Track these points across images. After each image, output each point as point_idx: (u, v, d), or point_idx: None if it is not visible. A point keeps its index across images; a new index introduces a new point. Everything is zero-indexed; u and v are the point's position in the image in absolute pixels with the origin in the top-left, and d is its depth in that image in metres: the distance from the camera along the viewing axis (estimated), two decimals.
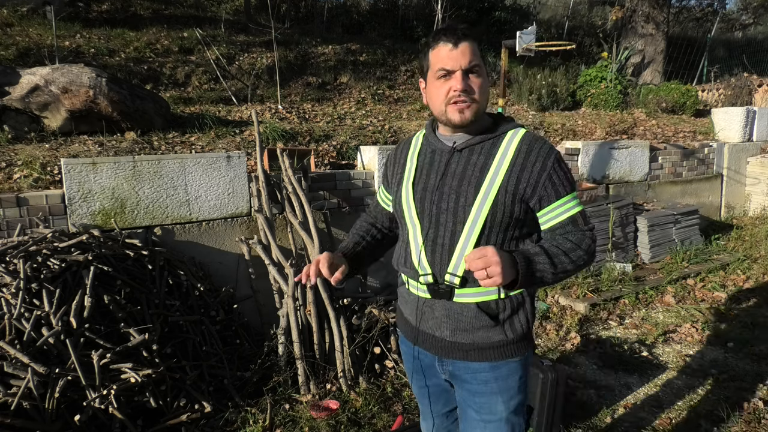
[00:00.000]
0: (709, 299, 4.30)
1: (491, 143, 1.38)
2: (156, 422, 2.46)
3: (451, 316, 1.40)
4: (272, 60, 6.46)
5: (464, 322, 1.39)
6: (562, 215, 1.35)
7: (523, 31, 4.30)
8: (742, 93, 8.38)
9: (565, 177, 1.36)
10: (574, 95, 7.55)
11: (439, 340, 1.44)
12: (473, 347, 1.40)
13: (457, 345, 1.41)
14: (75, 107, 3.76)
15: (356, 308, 3.19)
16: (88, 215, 2.99)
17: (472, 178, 1.36)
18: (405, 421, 2.64)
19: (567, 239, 1.34)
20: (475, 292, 1.37)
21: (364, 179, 3.92)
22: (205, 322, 2.91)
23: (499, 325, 1.38)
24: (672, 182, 5.99)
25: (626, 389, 3.00)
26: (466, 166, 1.38)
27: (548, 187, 1.33)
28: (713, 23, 13.18)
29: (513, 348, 1.40)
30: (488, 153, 1.37)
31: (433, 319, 1.44)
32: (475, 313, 1.37)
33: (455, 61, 1.31)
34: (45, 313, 2.36)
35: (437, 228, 1.39)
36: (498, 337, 1.38)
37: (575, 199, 1.37)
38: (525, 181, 1.33)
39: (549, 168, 1.33)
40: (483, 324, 1.38)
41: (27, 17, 6.55)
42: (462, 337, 1.40)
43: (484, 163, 1.36)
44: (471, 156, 1.38)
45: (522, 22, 9.77)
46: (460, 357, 1.42)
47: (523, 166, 1.33)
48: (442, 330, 1.43)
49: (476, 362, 1.41)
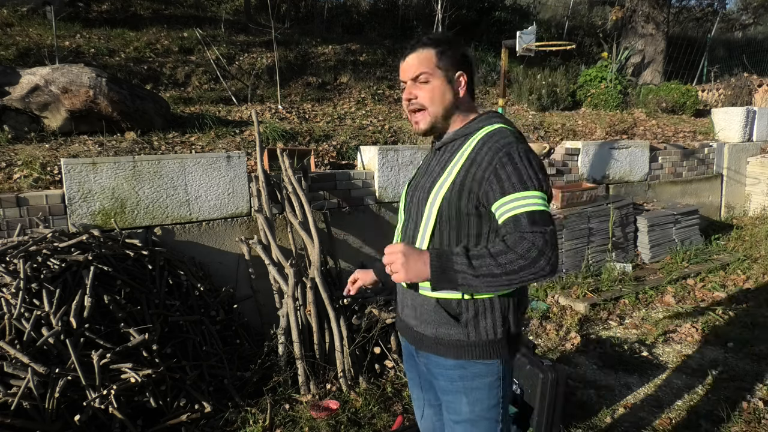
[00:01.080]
0: (709, 299, 4.30)
1: (461, 141, 1.41)
2: (156, 422, 2.46)
3: (416, 307, 1.44)
4: (272, 60, 6.46)
5: (426, 315, 1.41)
6: (505, 214, 1.25)
7: (523, 31, 4.30)
8: (742, 93, 8.38)
9: (515, 173, 1.25)
10: (574, 95, 7.56)
11: (411, 330, 1.49)
12: (436, 341, 1.40)
13: (422, 336, 1.44)
14: (75, 107, 3.76)
15: (356, 308, 3.19)
16: (88, 215, 2.99)
17: (433, 174, 1.42)
18: (405, 421, 2.64)
19: (501, 241, 1.23)
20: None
21: (364, 179, 3.92)
22: (205, 322, 2.91)
23: (461, 325, 1.36)
24: (672, 182, 5.99)
25: (626, 389, 3.00)
26: (437, 163, 1.44)
27: (493, 182, 1.27)
28: (713, 23, 13.18)
29: (477, 350, 1.36)
30: (455, 151, 1.40)
31: (407, 308, 1.50)
32: (434, 307, 1.38)
33: (404, 72, 1.41)
34: (45, 313, 2.36)
35: (408, 221, 1.47)
36: (458, 336, 1.36)
37: (529, 199, 1.23)
38: (472, 176, 1.31)
39: (495, 162, 1.27)
40: (444, 320, 1.37)
41: (27, 17, 6.55)
42: (425, 328, 1.42)
43: (447, 161, 1.40)
44: (444, 154, 1.44)
45: (522, 22, 9.77)
46: (427, 349, 1.44)
47: (473, 160, 1.32)
48: (411, 319, 1.48)
49: (442, 357, 1.41)
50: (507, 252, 1.18)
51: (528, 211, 1.22)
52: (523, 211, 1.22)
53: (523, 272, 1.17)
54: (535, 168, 1.27)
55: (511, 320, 1.38)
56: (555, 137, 5.89)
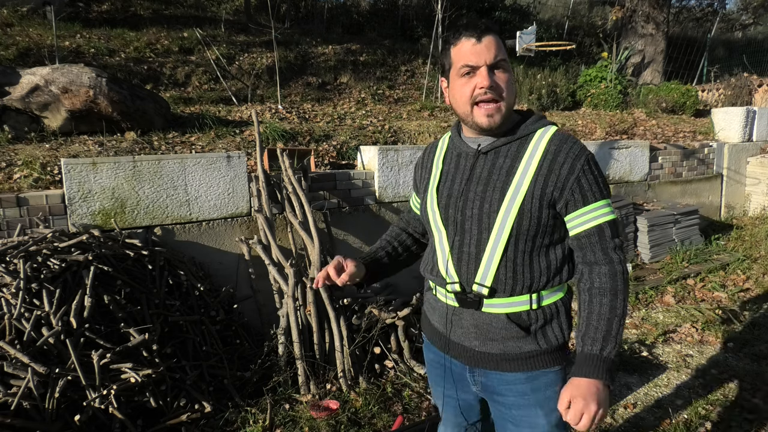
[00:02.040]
0: (709, 299, 4.30)
1: (518, 144, 1.30)
2: (156, 422, 2.46)
3: (479, 326, 1.34)
4: (272, 60, 6.46)
5: (493, 333, 1.32)
6: (588, 223, 1.26)
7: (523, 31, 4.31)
8: (742, 93, 8.38)
9: (595, 181, 1.26)
10: (574, 95, 7.56)
11: (468, 350, 1.38)
12: (504, 357, 1.33)
13: (486, 355, 1.35)
14: (75, 107, 3.76)
15: (356, 308, 3.19)
16: (88, 215, 2.99)
17: (498, 183, 1.28)
18: (405, 421, 2.64)
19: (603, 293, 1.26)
20: (505, 302, 1.31)
21: (364, 179, 3.92)
22: (205, 322, 2.91)
23: (530, 336, 1.31)
24: (672, 182, 5.99)
25: (626, 389, 3.00)
26: (491, 170, 1.31)
27: (576, 191, 1.25)
28: (713, 23, 13.18)
29: (548, 358, 1.33)
30: (515, 155, 1.29)
31: (462, 329, 1.38)
32: (505, 323, 1.31)
33: (479, 56, 1.23)
34: (45, 313, 2.36)
35: (462, 235, 1.33)
36: (530, 347, 1.31)
37: (607, 207, 1.27)
38: (552, 185, 1.25)
39: (578, 170, 1.24)
40: (513, 334, 1.31)
41: (27, 17, 6.55)
42: (491, 347, 1.34)
43: (510, 167, 1.29)
44: (497, 159, 1.31)
45: (522, 22, 9.77)
46: (491, 367, 1.36)
47: (550, 168, 1.25)
48: (470, 340, 1.37)
49: (509, 372, 1.34)
50: (615, 298, 1.25)
51: (609, 220, 1.27)
52: (606, 220, 1.26)
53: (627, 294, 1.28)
54: (603, 175, 1.30)
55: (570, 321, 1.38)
56: None
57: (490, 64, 1.24)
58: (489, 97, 1.24)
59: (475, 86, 1.25)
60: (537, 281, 1.30)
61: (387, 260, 1.58)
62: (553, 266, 1.32)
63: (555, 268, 1.32)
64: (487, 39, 1.23)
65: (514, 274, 1.29)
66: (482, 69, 1.23)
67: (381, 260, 1.56)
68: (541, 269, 1.30)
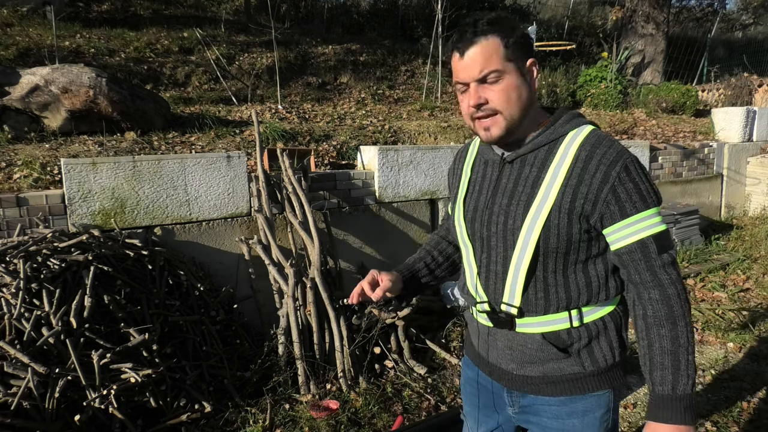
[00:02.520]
0: (709, 299, 4.30)
1: (546, 150, 1.17)
2: (156, 422, 2.46)
3: (514, 348, 1.24)
4: (272, 60, 6.46)
5: (530, 355, 1.21)
6: (628, 238, 1.11)
7: None
8: (742, 93, 8.38)
9: (636, 190, 1.10)
10: (574, 95, 7.56)
11: (506, 373, 1.28)
12: (544, 381, 1.22)
13: (525, 378, 1.24)
14: (75, 107, 3.76)
15: (356, 308, 3.19)
16: (88, 215, 2.99)
17: (522, 195, 1.17)
18: (405, 421, 2.64)
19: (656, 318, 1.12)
20: (540, 321, 1.19)
21: (364, 179, 3.92)
22: (205, 322, 2.91)
23: (573, 356, 1.19)
24: (672, 182, 5.99)
25: (626, 389, 3.00)
26: (517, 180, 1.19)
27: (611, 203, 1.10)
28: (713, 23, 13.18)
29: (594, 381, 1.20)
30: (542, 164, 1.16)
31: (497, 350, 1.28)
32: (541, 344, 1.19)
33: (465, 73, 1.13)
34: (45, 313, 2.36)
35: (489, 252, 1.23)
36: (572, 369, 1.19)
37: (651, 218, 1.11)
38: (583, 197, 1.11)
39: (613, 179, 1.09)
40: (552, 356, 1.19)
41: (27, 17, 6.55)
42: (530, 370, 1.23)
43: (536, 177, 1.16)
44: (523, 168, 1.19)
45: (522, 22, 9.77)
46: (531, 391, 1.25)
47: (580, 177, 1.11)
48: (507, 362, 1.26)
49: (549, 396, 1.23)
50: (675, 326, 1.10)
51: (654, 234, 1.11)
52: (650, 234, 1.11)
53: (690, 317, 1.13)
54: (650, 179, 1.14)
55: (625, 337, 1.24)
56: None
57: (478, 78, 1.12)
58: (481, 114, 1.15)
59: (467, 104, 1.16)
60: (575, 301, 1.17)
61: (426, 271, 1.47)
62: (595, 283, 1.18)
63: (597, 285, 1.18)
64: (473, 51, 1.11)
65: (546, 294, 1.18)
66: (471, 86, 1.14)
67: (419, 271, 1.46)
68: (579, 288, 1.18)
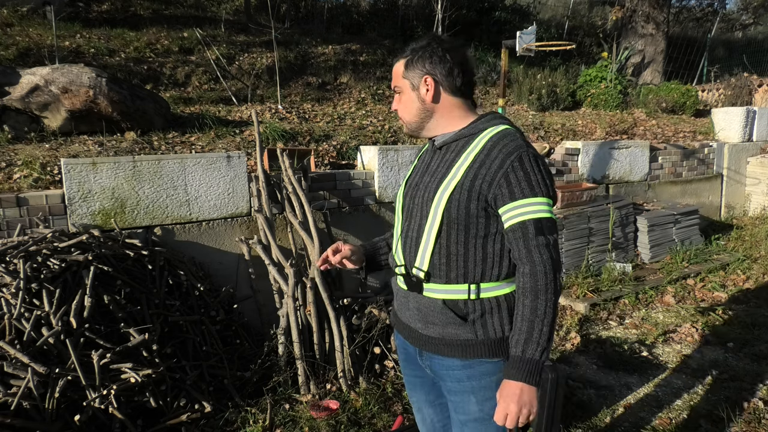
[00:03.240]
0: (709, 299, 4.30)
1: (465, 141, 1.40)
2: (156, 422, 2.46)
3: (421, 309, 1.42)
4: (272, 60, 6.46)
5: (432, 316, 1.40)
6: (513, 219, 1.29)
7: (523, 31, 4.30)
8: (742, 93, 8.38)
9: (525, 178, 1.28)
10: (574, 95, 7.55)
11: (414, 332, 1.47)
12: (442, 342, 1.40)
13: (428, 338, 1.43)
14: (75, 107, 3.76)
15: (356, 308, 3.19)
16: (88, 215, 2.99)
17: (438, 174, 1.39)
18: (405, 421, 2.64)
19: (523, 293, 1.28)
20: (442, 288, 1.37)
21: (364, 179, 3.92)
22: (205, 322, 2.91)
23: (468, 324, 1.36)
24: (672, 182, 5.99)
25: (626, 389, 3.00)
26: (440, 163, 1.42)
27: (503, 186, 1.28)
28: (713, 23, 13.18)
29: (484, 348, 1.36)
30: (459, 151, 1.39)
31: (409, 311, 1.47)
32: (441, 308, 1.38)
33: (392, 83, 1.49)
34: (45, 313, 2.36)
35: (410, 221, 1.44)
36: (466, 336, 1.37)
37: (535, 205, 1.27)
38: (481, 178, 1.31)
39: (507, 166, 1.28)
40: (450, 321, 1.37)
41: (27, 17, 6.55)
42: (431, 330, 1.41)
43: (452, 160, 1.38)
44: (446, 154, 1.42)
45: (522, 22, 9.77)
46: (432, 350, 1.43)
47: (482, 162, 1.32)
48: (415, 322, 1.45)
49: (448, 357, 1.41)
50: (536, 299, 1.26)
51: (535, 218, 1.27)
52: (531, 217, 1.27)
53: (553, 293, 1.28)
54: (543, 174, 1.30)
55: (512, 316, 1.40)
56: (555, 137, 5.89)
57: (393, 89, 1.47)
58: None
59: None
60: (472, 272, 1.35)
61: (386, 249, 1.68)
62: (490, 259, 1.35)
63: (492, 261, 1.35)
64: (394, 67, 1.45)
65: (448, 261, 1.36)
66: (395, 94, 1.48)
67: (381, 249, 1.68)
68: (476, 260, 1.35)
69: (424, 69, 1.39)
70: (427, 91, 1.40)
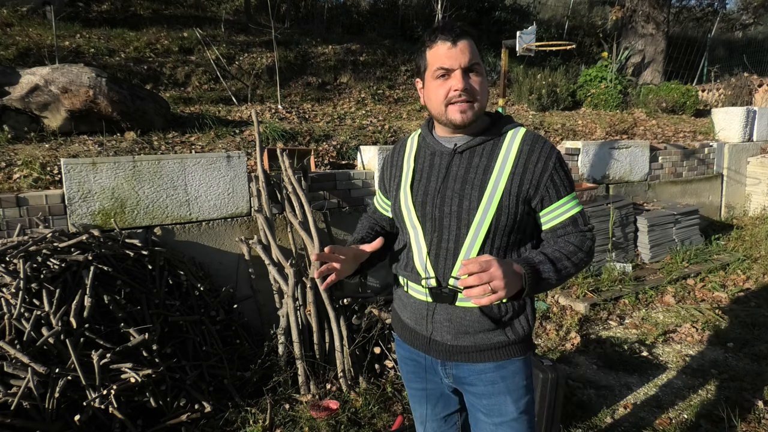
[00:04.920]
0: (709, 299, 4.30)
1: (492, 144, 1.36)
2: (156, 422, 2.46)
3: (453, 320, 1.38)
4: (272, 60, 6.46)
5: (466, 326, 1.37)
6: (563, 215, 1.35)
7: (523, 31, 4.30)
8: (743, 93, 8.38)
9: (566, 177, 1.36)
10: (574, 95, 7.55)
11: (440, 344, 1.42)
12: (475, 349, 1.39)
13: (458, 348, 1.40)
14: (75, 107, 3.76)
15: (356, 308, 3.19)
16: (88, 215, 2.99)
17: (476, 180, 1.33)
18: (405, 421, 2.64)
19: (568, 242, 1.34)
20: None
21: (364, 179, 3.92)
22: (205, 322, 2.91)
23: (500, 327, 1.37)
24: (672, 182, 5.99)
25: (626, 389, 3.00)
26: (468, 168, 1.35)
27: (550, 187, 1.33)
28: (713, 23, 13.18)
29: (515, 348, 1.39)
30: (490, 154, 1.35)
31: (434, 323, 1.41)
32: (478, 317, 1.36)
33: (454, 59, 1.27)
34: (45, 313, 2.36)
35: (441, 232, 1.36)
36: (499, 338, 1.37)
37: (575, 199, 1.38)
38: (528, 182, 1.32)
39: (551, 168, 1.33)
40: (485, 327, 1.37)
41: (27, 17, 6.55)
42: (463, 340, 1.39)
43: (486, 165, 1.34)
44: (473, 158, 1.36)
45: (522, 22, 9.77)
46: (462, 359, 1.41)
47: (525, 167, 1.32)
48: (443, 334, 1.40)
49: (480, 363, 1.39)
50: (577, 251, 1.33)
51: (579, 210, 1.38)
52: (577, 211, 1.37)
53: (585, 266, 1.36)
54: (569, 171, 1.41)
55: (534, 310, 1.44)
56: (555, 137, 5.89)
57: (465, 67, 1.28)
58: (463, 99, 1.29)
59: (449, 88, 1.29)
60: None
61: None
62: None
63: None
64: (462, 43, 1.27)
65: None
66: (457, 72, 1.28)
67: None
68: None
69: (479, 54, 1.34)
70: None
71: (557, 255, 1.30)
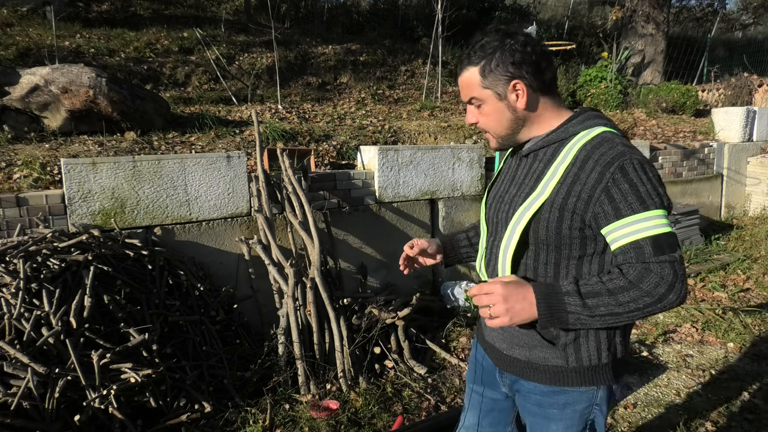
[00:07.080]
0: (709, 299, 4.30)
1: (554, 148, 1.22)
2: (156, 422, 2.46)
3: (505, 329, 1.32)
4: (272, 60, 6.46)
5: (518, 338, 1.29)
6: (622, 239, 1.10)
7: None
8: (742, 93, 8.38)
9: (633, 191, 1.09)
10: (574, 95, 7.55)
11: (498, 352, 1.38)
12: (528, 365, 1.29)
13: (512, 360, 1.33)
14: (75, 107, 3.76)
15: (356, 308, 3.19)
16: (88, 215, 2.99)
17: (525, 188, 1.24)
18: (405, 421, 2.64)
19: (622, 274, 1.10)
20: None
21: (364, 179, 3.92)
22: (205, 322, 2.91)
23: (559, 348, 1.23)
24: (672, 182, 5.99)
25: (626, 389, 3.00)
26: (527, 173, 1.26)
27: (605, 203, 1.11)
28: (713, 23, 13.18)
29: (576, 377, 1.23)
30: (548, 160, 1.22)
31: (494, 330, 1.38)
32: (528, 330, 1.26)
33: (462, 93, 1.29)
34: (45, 313, 2.36)
35: (495, 236, 1.32)
36: (556, 362, 1.24)
37: (651, 220, 1.08)
38: (576, 195, 1.14)
39: (606, 180, 1.10)
40: (537, 343, 1.25)
41: (27, 17, 6.55)
42: (518, 352, 1.31)
43: (541, 172, 1.22)
44: (534, 162, 1.26)
45: (522, 22, 9.77)
46: (516, 372, 1.33)
47: (576, 176, 1.14)
48: (499, 342, 1.36)
49: (531, 381, 1.30)
50: (629, 289, 1.08)
51: (652, 235, 1.08)
52: (646, 236, 1.08)
53: (649, 308, 1.08)
54: (654, 182, 1.11)
55: (618, 342, 1.25)
56: None
57: (467, 102, 1.28)
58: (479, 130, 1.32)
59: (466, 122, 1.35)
60: None
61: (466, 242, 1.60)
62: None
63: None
64: (462, 77, 1.26)
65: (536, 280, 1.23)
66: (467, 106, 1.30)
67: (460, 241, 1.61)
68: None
69: (509, 72, 1.19)
70: (517, 98, 1.21)
71: (596, 288, 1.10)
